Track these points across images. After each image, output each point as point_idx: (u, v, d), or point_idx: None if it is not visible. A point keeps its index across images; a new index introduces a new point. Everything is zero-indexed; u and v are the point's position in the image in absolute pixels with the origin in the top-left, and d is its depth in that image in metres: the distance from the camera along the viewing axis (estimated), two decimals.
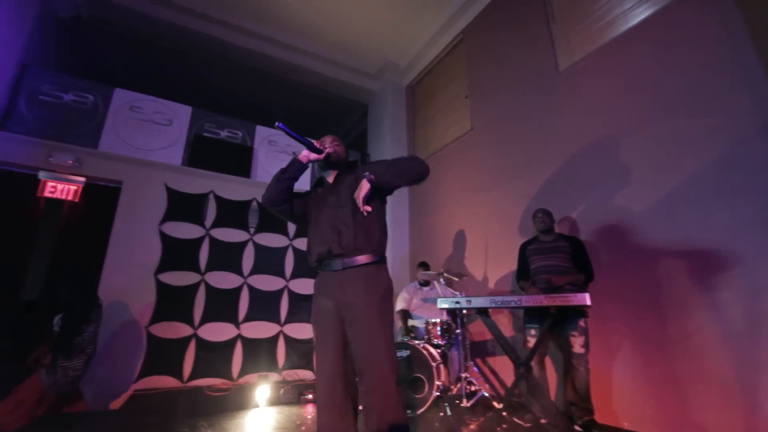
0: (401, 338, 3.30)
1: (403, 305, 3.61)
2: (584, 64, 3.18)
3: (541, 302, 2.37)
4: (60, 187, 3.73)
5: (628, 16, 2.90)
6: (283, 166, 1.73)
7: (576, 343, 2.44)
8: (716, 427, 2.05)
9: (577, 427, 2.37)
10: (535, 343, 2.52)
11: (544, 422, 2.42)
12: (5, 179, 3.53)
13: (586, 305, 2.22)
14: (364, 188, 1.53)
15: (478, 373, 3.36)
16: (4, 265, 3.39)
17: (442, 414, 2.65)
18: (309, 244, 1.72)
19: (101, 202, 3.85)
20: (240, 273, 4.26)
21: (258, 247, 4.43)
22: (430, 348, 2.98)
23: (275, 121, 1.56)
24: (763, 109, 2.10)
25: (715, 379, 2.09)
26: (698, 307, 2.22)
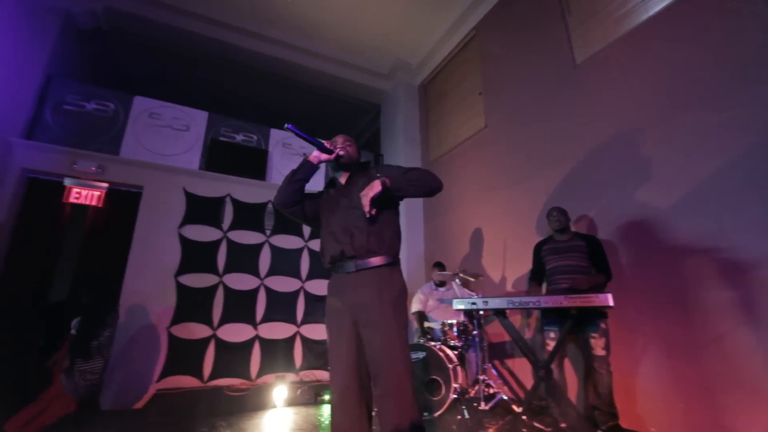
0: (417, 340, 3.27)
1: (418, 307, 3.58)
2: (602, 56, 3.07)
3: (561, 303, 2.30)
4: (84, 192, 3.87)
5: (648, 5, 2.78)
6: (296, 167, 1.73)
7: (597, 345, 2.37)
8: None
9: None
10: (554, 346, 2.45)
11: (565, 426, 2.35)
12: (33, 186, 3.69)
13: (608, 306, 2.14)
14: (375, 189, 1.49)
15: (497, 376, 3.30)
16: (35, 268, 3.55)
17: (460, 417, 2.61)
18: (322, 246, 1.71)
19: (123, 206, 3.98)
20: (257, 274, 4.31)
21: (274, 248, 4.48)
22: (447, 350, 2.94)
23: (288, 124, 1.54)
24: None
25: (747, 383, 1.98)
26: (729, 307, 2.11)
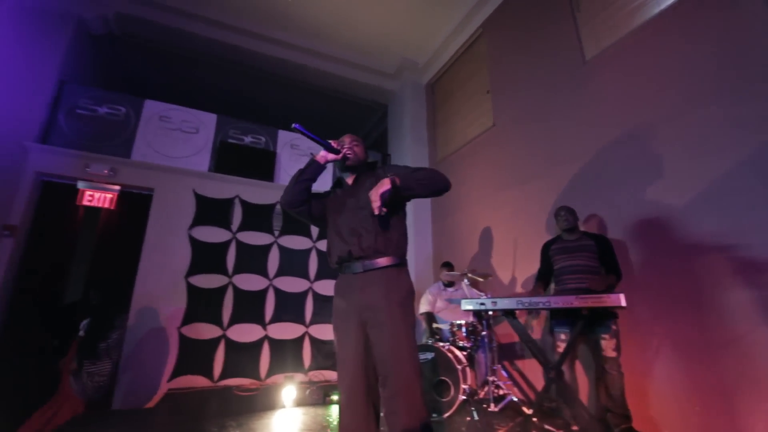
0: (425, 340, 3.25)
1: (427, 307, 3.56)
2: (612, 52, 3.01)
3: (572, 303, 2.26)
4: (97, 195, 3.94)
5: None
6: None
7: (607, 347, 2.32)
8: None
9: None
10: (565, 348, 2.41)
11: (577, 429, 2.31)
12: (48, 189, 3.77)
13: (620, 306, 2.10)
14: (385, 186, 1.46)
15: (507, 377, 3.26)
16: (51, 269, 3.63)
17: (469, 419, 2.59)
18: (328, 246, 1.71)
19: (135, 208, 4.04)
20: (266, 275, 4.34)
21: (282, 249, 4.50)
22: (456, 350, 2.92)
23: (295, 124, 1.53)
24: None
25: (766, 386, 1.93)
26: (747, 307, 2.04)
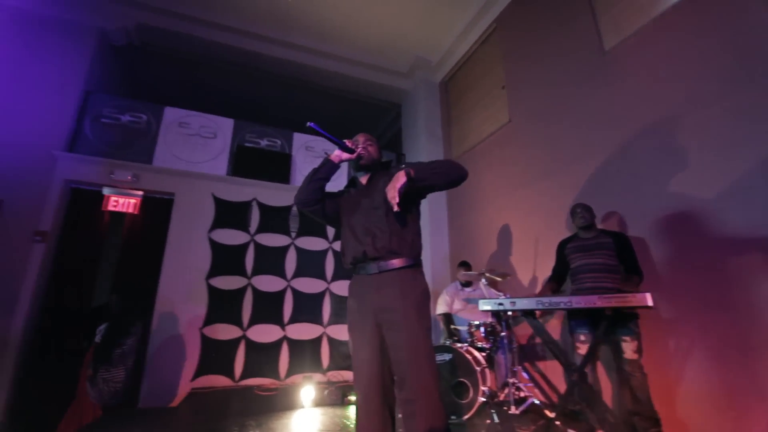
0: (443, 341, 3.21)
1: (444, 308, 3.51)
2: (633, 41, 2.90)
3: (595, 303, 2.18)
4: (122, 201, 4.08)
5: None
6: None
7: (628, 348, 2.23)
8: None
9: None
10: (588, 349, 2.33)
11: None
12: (76, 196, 3.93)
13: (647, 306, 2.01)
14: (401, 180, 1.41)
15: (528, 379, 3.19)
16: (79, 273, 3.78)
17: (489, 421, 2.54)
18: (343, 247, 1.70)
19: (157, 213, 4.17)
20: (284, 276, 4.39)
21: (299, 250, 4.55)
22: (474, 351, 2.87)
23: (310, 123, 1.52)
24: None
25: None
26: None
